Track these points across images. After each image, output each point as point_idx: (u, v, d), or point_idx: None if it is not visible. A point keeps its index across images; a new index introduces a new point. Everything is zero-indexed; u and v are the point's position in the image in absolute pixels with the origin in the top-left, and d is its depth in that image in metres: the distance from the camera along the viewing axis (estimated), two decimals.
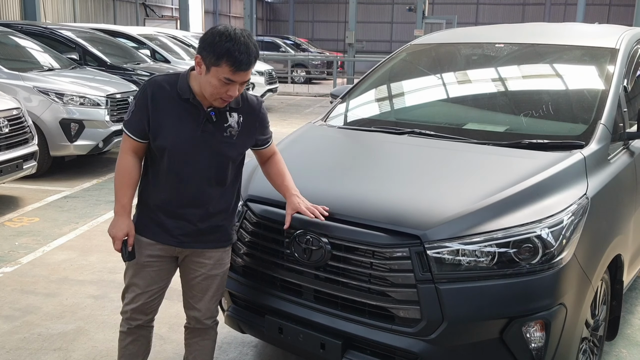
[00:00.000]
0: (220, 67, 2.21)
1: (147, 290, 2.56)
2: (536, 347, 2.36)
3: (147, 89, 2.38)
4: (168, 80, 2.39)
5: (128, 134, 2.40)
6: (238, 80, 2.25)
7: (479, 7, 39.79)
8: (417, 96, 3.98)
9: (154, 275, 2.54)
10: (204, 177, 2.42)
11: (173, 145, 2.36)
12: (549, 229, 2.36)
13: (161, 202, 2.45)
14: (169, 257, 2.54)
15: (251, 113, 2.49)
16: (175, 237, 2.47)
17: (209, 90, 2.28)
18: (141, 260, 2.51)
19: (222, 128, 2.41)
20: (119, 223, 2.44)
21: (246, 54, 2.21)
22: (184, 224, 2.46)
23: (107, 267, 4.49)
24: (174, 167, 2.39)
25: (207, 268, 2.56)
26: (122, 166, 2.43)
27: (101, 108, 7.20)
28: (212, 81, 2.24)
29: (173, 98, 2.36)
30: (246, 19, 21.19)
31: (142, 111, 2.36)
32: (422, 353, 2.33)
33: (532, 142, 2.93)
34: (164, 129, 2.36)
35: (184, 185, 2.41)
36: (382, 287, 2.38)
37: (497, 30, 4.36)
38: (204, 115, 2.37)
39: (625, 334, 3.61)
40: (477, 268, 2.32)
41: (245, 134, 2.48)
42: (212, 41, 2.21)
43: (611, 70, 3.30)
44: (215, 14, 37.85)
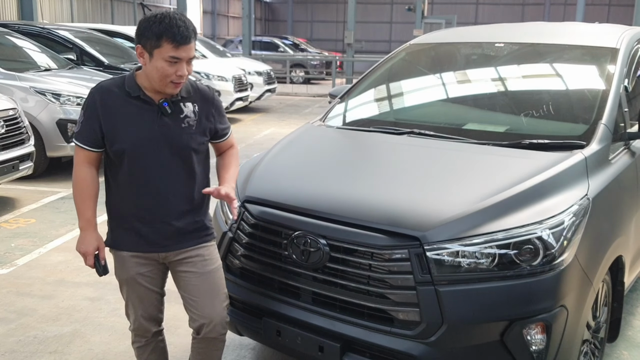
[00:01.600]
0: (162, 47, 2.20)
1: (146, 304, 2.51)
2: (537, 349, 2.33)
3: (95, 95, 2.33)
4: (114, 83, 2.37)
5: (81, 145, 2.34)
6: (183, 56, 2.22)
7: (478, 7, 39.80)
8: (417, 96, 3.96)
9: (147, 286, 2.49)
10: (171, 174, 2.37)
11: (132, 146, 2.30)
12: (550, 230, 2.34)
13: (132, 209, 2.39)
14: (155, 263, 2.48)
15: (205, 100, 2.45)
16: (156, 243, 2.41)
17: (157, 77, 2.24)
18: (130, 275, 2.45)
19: (179, 119, 2.36)
20: (87, 238, 2.37)
21: (184, 27, 2.20)
22: (161, 226, 2.39)
23: None
24: (137, 170, 2.34)
25: (197, 266, 2.48)
26: (80, 179, 2.36)
27: None
28: (158, 65, 2.22)
29: (123, 99, 2.32)
30: (244, 19, 21.17)
31: (92, 119, 2.31)
32: (422, 356, 2.30)
33: (532, 143, 2.90)
34: (120, 132, 2.30)
35: (151, 185, 2.35)
36: (381, 289, 2.35)
37: (497, 30, 4.34)
38: (157, 109, 2.33)
39: (627, 336, 3.59)
40: (477, 270, 2.29)
41: (203, 123, 2.43)
42: (147, 26, 2.21)
43: (612, 70, 3.28)
44: (214, 14, 37.84)
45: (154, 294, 2.53)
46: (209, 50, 14.01)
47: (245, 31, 21.29)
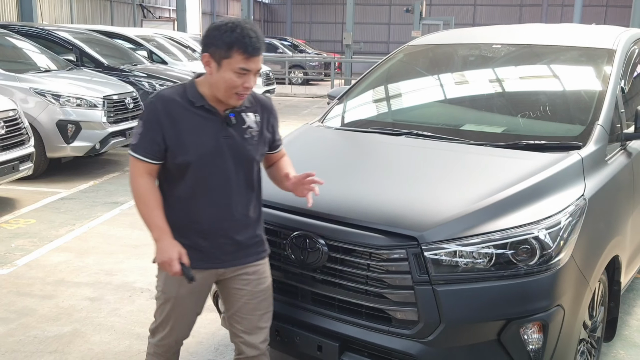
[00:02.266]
0: (232, 58, 2.11)
1: (185, 324, 2.41)
2: (534, 348, 2.35)
3: (157, 104, 2.20)
4: (175, 91, 2.25)
5: (140, 157, 2.19)
6: (253, 67, 2.14)
7: (476, 8, 39.83)
8: (415, 97, 3.98)
9: (192, 305, 2.37)
10: (234, 186, 2.27)
11: (197, 159, 2.19)
12: (546, 230, 2.36)
13: (192, 223, 2.26)
14: (208, 281, 2.36)
15: (265, 110, 2.38)
16: (216, 258, 2.30)
17: (223, 88, 2.16)
18: (182, 292, 2.31)
19: (242, 130, 2.28)
20: (166, 245, 2.20)
21: (255, 37, 2.12)
22: (223, 240, 2.29)
23: (104, 269, 4.47)
24: (200, 182, 2.22)
25: (252, 285, 2.37)
26: (142, 189, 2.21)
27: (98, 109, 7.18)
28: (226, 75, 2.13)
29: (187, 108, 2.21)
30: None
31: (154, 130, 2.18)
32: (420, 355, 2.32)
33: (529, 143, 2.92)
34: (185, 144, 2.19)
35: (215, 199, 2.25)
36: (379, 289, 2.37)
37: (494, 31, 4.36)
38: (222, 119, 2.24)
39: (623, 335, 3.61)
40: (475, 269, 2.31)
41: (264, 133, 2.36)
42: (218, 34, 2.12)
43: (608, 71, 3.30)
44: (213, 15, 37.85)
45: (194, 315, 2.43)
46: None
47: None
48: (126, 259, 4.69)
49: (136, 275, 4.37)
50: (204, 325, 3.65)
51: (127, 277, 4.33)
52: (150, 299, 3.98)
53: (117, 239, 5.13)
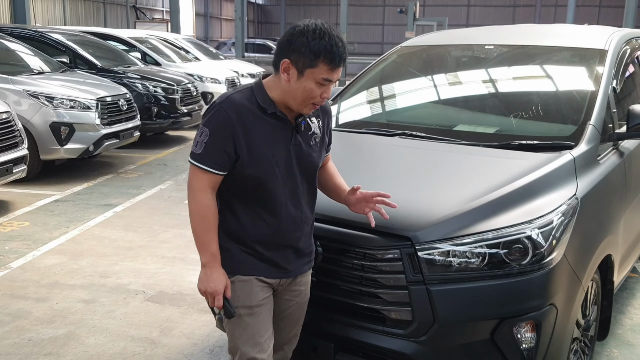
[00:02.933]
0: (317, 68, 1.97)
1: (268, 336, 2.22)
2: (527, 347, 2.37)
3: (228, 111, 2.03)
4: (244, 96, 2.08)
5: (207, 168, 2.04)
6: (335, 78, 2.03)
7: (469, 9, 39.96)
8: (408, 98, 3.99)
9: (268, 315, 2.23)
10: (300, 196, 2.18)
11: (270, 170, 2.07)
12: (539, 229, 2.37)
13: (260, 235, 2.15)
14: (271, 291, 2.25)
15: (325, 114, 2.28)
16: (281, 269, 2.21)
17: (300, 97, 2.02)
18: (257, 301, 2.17)
19: (308, 137, 2.17)
20: (215, 275, 2.09)
21: (342, 46, 2.00)
22: (287, 252, 2.20)
23: (98, 271, 4.46)
24: (268, 192, 2.10)
25: (300, 296, 2.32)
26: (204, 207, 2.07)
27: (91, 111, 7.17)
28: (308, 85, 2.00)
29: (258, 115, 2.06)
30: (237, 21, 21.19)
31: (224, 139, 2.02)
32: (414, 354, 2.33)
33: (522, 143, 2.94)
34: (258, 155, 2.05)
35: (282, 209, 2.13)
36: (373, 289, 2.38)
37: (487, 32, 4.38)
38: (291, 128, 2.12)
39: (617, 334, 3.63)
40: (468, 269, 2.32)
41: (325, 137, 2.27)
42: (305, 41, 1.96)
43: (600, 71, 3.32)
44: (206, 17, 37.82)
45: (271, 328, 2.25)
46: (202, 53, 14.01)
47: (238, 33, 21.32)
48: (120, 261, 4.68)
49: (130, 277, 4.37)
50: (198, 327, 3.65)
51: (122, 280, 4.32)
52: (144, 301, 3.98)
53: (111, 241, 5.12)
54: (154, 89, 9.27)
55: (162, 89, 9.32)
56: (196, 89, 10.29)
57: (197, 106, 10.14)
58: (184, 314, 3.82)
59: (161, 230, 5.42)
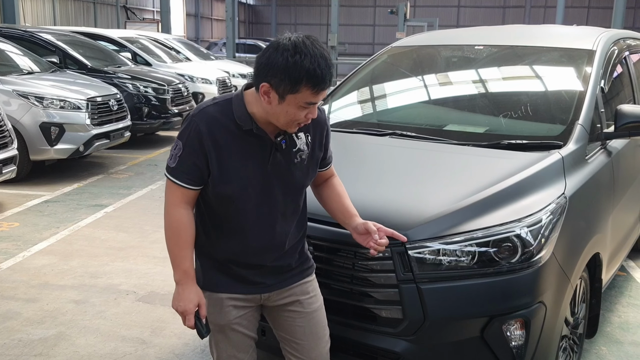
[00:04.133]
0: (300, 93, 1.81)
1: (245, 348, 2.18)
2: (516, 345, 2.38)
3: (200, 125, 1.92)
4: (220, 109, 1.96)
5: (180, 183, 1.95)
6: (320, 99, 1.87)
7: (460, 9, 40.12)
8: (399, 98, 4.01)
9: (245, 331, 2.16)
10: (280, 215, 2.05)
11: (241, 189, 1.96)
12: (527, 228, 2.39)
13: (231, 254, 2.07)
14: (254, 306, 2.16)
15: (318, 127, 2.11)
16: (258, 284, 2.11)
17: (283, 119, 1.88)
18: (228, 320, 2.11)
19: (291, 154, 2.02)
20: (186, 293, 2.00)
21: (325, 66, 1.81)
22: (265, 269, 2.10)
23: (89, 272, 4.45)
24: (244, 214, 2.00)
25: (303, 305, 2.18)
26: (177, 223, 1.99)
27: (82, 111, 7.15)
28: (290, 110, 1.85)
29: (231, 131, 1.94)
30: (228, 22, 21.16)
31: (195, 153, 1.93)
32: (404, 353, 2.34)
33: (511, 143, 2.96)
34: (229, 172, 1.95)
35: (259, 231, 2.03)
36: (364, 288, 2.39)
37: (477, 32, 4.41)
38: (271, 145, 1.98)
39: (605, 332, 3.66)
40: (458, 267, 2.34)
41: (315, 154, 2.12)
42: (283, 63, 1.78)
43: (588, 71, 3.35)
44: (197, 17, 37.73)
45: (249, 341, 2.19)
46: (193, 53, 14.00)
47: (229, 34, 21.29)
48: (111, 261, 4.67)
49: (121, 277, 4.36)
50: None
51: (112, 280, 4.31)
52: (135, 302, 3.97)
53: (102, 242, 5.11)
54: (145, 89, 9.25)
55: (153, 89, 9.30)
56: (187, 89, 10.28)
57: (188, 106, 10.12)
58: (175, 314, 3.75)
59: (152, 231, 5.41)
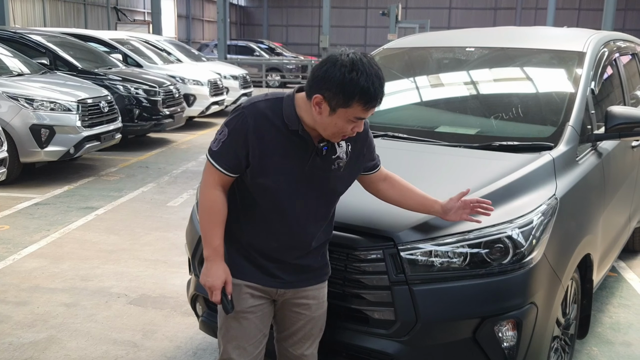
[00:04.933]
0: (351, 108, 1.89)
1: (254, 342, 2.23)
2: (508, 346, 2.39)
3: (248, 118, 2.01)
4: (271, 106, 2.04)
5: (218, 167, 2.05)
6: (368, 115, 1.97)
7: (451, 11, 40.23)
8: (391, 100, 4.00)
9: (258, 323, 2.22)
10: (310, 217, 2.13)
11: (277, 184, 2.05)
12: (519, 229, 2.40)
13: (257, 243, 2.15)
14: (269, 299, 2.23)
15: (359, 138, 2.16)
16: (277, 278, 2.18)
17: (331, 131, 1.97)
18: (243, 307, 2.18)
19: (330, 161, 2.10)
20: (214, 269, 2.10)
21: (379, 87, 1.91)
22: (285, 264, 2.17)
23: (80, 275, 4.43)
24: (276, 208, 2.09)
25: (311, 309, 2.27)
26: (211, 202, 2.09)
27: (72, 113, 7.11)
28: (339, 122, 1.93)
29: (278, 129, 2.02)
30: (219, 23, 21.12)
31: (239, 143, 2.01)
32: (397, 354, 2.34)
33: (502, 144, 2.97)
34: (268, 167, 2.03)
35: (286, 227, 2.11)
36: (356, 290, 2.39)
37: (468, 34, 4.42)
38: (313, 149, 2.05)
39: (596, 333, 3.68)
40: (450, 269, 2.34)
41: (353, 164, 2.18)
42: (341, 79, 1.86)
43: (579, 73, 3.37)
44: (188, 18, 37.65)
45: (260, 334, 2.25)
46: (184, 55, 13.95)
47: (221, 35, 21.26)
48: (102, 264, 4.64)
49: (112, 280, 4.34)
50: (181, 329, 3.64)
51: (104, 283, 4.29)
52: (126, 304, 3.95)
53: (93, 244, 5.08)
54: (136, 90, 9.21)
55: (144, 91, 9.27)
56: (178, 91, 10.25)
57: (179, 108, 10.09)
58: (167, 317, 3.80)
59: (143, 233, 5.38)
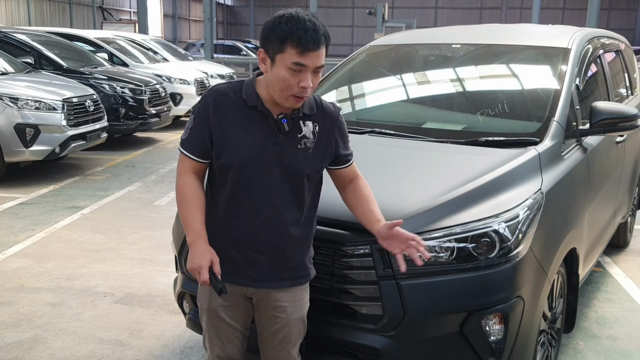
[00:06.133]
0: (286, 52, 1.92)
1: (225, 341, 2.26)
2: (495, 339, 2.40)
3: (208, 98, 2.08)
4: (232, 88, 2.10)
5: (187, 154, 2.09)
6: (309, 64, 1.93)
7: (437, 11, 40.42)
8: (377, 96, 4.02)
9: (228, 322, 2.24)
10: (277, 200, 2.08)
11: (240, 162, 2.04)
12: (505, 223, 2.41)
13: (228, 232, 2.13)
14: (242, 297, 2.22)
15: (328, 121, 2.15)
16: (247, 275, 2.15)
17: (278, 87, 1.97)
18: (212, 305, 2.21)
19: (296, 139, 2.08)
20: (198, 251, 2.05)
21: (313, 30, 1.91)
22: (257, 257, 2.13)
23: (65, 274, 4.39)
24: (241, 189, 2.07)
25: (287, 312, 2.21)
26: (185, 188, 2.10)
27: (57, 112, 7.05)
28: (280, 73, 1.94)
29: (239, 107, 2.06)
30: (206, 22, 21.04)
31: (203, 126, 2.06)
32: (385, 349, 2.34)
33: (488, 140, 2.98)
34: (230, 145, 2.05)
35: (253, 210, 2.08)
36: (344, 285, 2.39)
37: (454, 31, 4.43)
38: (274, 124, 2.05)
39: (582, 327, 3.70)
40: (437, 263, 2.34)
41: (322, 146, 2.14)
42: (272, 26, 1.94)
43: (564, 69, 3.39)
44: (175, 18, 37.49)
45: (234, 331, 2.26)
46: (170, 54, 13.88)
47: (207, 34, 21.17)
48: (88, 263, 4.61)
49: (98, 279, 4.30)
50: (169, 328, 3.62)
51: (89, 282, 4.26)
52: (113, 303, 3.93)
53: (79, 244, 5.04)
54: (122, 89, 9.15)
55: (130, 90, 9.21)
56: (165, 90, 10.19)
57: (166, 107, 10.04)
58: (154, 316, 3.77)
59: (130, 232, 5.35)
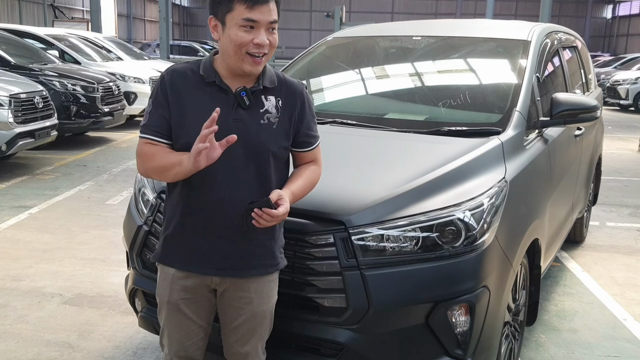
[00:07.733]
0: (235, 10, 1.87)
1: (185, 338, 2.15)
2: (461, 331, 2.34)
3: (165, 77, 2.00)
4: (189, 66, 2.04)
5: (150, 137, 1.97)
6: (260, 18, 1.87)
7: (393, 16, 40.97)
8: (339, 88, 3.94)
9: (190, 316, 2.12)
10: (242, 179, 1.97)
11: None
12: (470, 211, 2.35)
13: (191, 218, 2.02)
14: (205, 288, 2.10)
15: (291, 95, 2.06)
16: (211, 263, 2.03)
17: (232, 49, 1.90)
18: (173, 298, 2.09)
19: (258, 114, 1.98)
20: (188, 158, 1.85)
21: None
22: (221, 243, 2.01)
23: (10, 275, 4.16)
24: (202, 171, 1.90)
25: (253, 304, 2.10)
26: (147, 154, 1.96)
27: (4, 109, 6.75)
28: (232, 33, 1.88)
29: (196, 85, 1.99)
30: (161, 22, 20.66)
31: (161, 106, 1.97)
32: (349, 342, 2.25)
33: (451, 129, 2.94)
34: (188, 124, 1.94)
35: (216, 191, 1.97)
36: (305, 276, 2.29)
37: (415, 25, 4.40)
38: (234, 99, 1.96)
39: (543, 320, 3.70)
40: (402, 253, 2.27)
41: (287, 122, 2.04)
42: None
43: (524, 60, 3.38)
44: (129, 18, 36.82)
45: (195, 327, 2.15)
46: (125, 53, 13.54)
47: (163, 34, 20.78)
48: (35, 263, 4.38)
49: (46, 280, 4.09)
50: (120, 329, 3.45)
51: (36, 283, 4.04)
52: (61, 304, 3.73)
53: (26, 244, 4.80)
54: (73, 87, 8.85)
55: (82, 87, 8.91)
56: (118, 88, 9.92)
57: (120, 106, 9.76)
58: (105, 316, 3.60)
59: (80, 232, 5.13)
